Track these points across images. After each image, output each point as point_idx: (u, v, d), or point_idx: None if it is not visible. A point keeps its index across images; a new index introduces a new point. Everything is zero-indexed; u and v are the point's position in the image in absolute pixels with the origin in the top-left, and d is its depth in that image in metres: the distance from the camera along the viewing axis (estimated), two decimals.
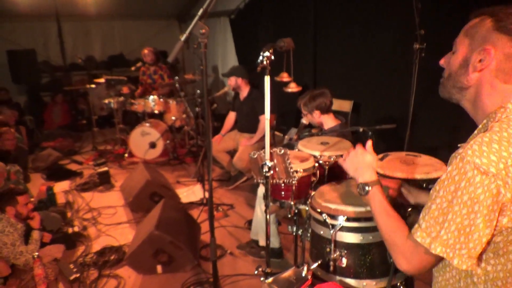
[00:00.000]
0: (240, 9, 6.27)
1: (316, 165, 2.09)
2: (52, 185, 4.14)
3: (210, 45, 5.59)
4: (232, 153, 4.48)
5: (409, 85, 2.82)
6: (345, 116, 4.05)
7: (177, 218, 3.14)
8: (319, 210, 1.67)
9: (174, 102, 5.39)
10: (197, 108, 4.41)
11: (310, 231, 1.85)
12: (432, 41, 2.63)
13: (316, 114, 2.84)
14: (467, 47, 1.00)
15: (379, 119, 3.93)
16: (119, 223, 3.66)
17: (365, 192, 1.26)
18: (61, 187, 4.47)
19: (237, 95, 4.49)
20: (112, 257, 3.01)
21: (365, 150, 1.40)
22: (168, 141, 5.31)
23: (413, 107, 2.83)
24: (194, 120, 5.34)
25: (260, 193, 2.92)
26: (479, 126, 1.02)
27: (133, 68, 5.85)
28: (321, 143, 2.31)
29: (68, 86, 7.04)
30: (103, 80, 5.64)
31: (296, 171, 1.94)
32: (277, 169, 1.92)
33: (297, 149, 2.31)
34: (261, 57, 1.68)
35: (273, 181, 1.95)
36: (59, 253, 3.03)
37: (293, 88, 2.37)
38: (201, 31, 1.61)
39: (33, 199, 3.73)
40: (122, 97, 5.54)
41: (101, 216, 3.82)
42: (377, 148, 1.48)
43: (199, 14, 1.59)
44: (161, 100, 5.35)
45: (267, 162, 1.79)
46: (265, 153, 1.81)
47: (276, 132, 5.46)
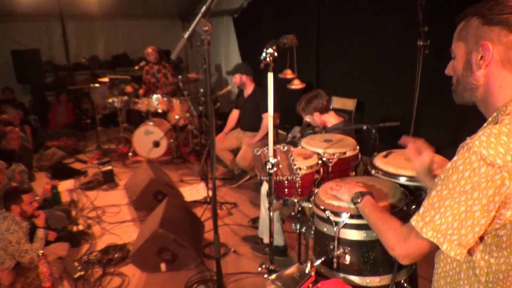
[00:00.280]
0: (243, 8, 6.27)
1: (319, 162, 2.09)
2: (56, 184, 4.16)
3: (213, 44, 5.58)
4: (235, 151, 4.48)
5: (413, 83, 2.80)
6: (349, 114, 4.04)
7: (180, 216, 3.15)
8: (322, 207, 1.67)
9: (177, 101, 5.40)
10: (200, 107, 4.41)
11: (313, 229, 1.85)
12: (436, 38, 2.62)
13: (316, 115, 2.84)
14: (464, 49, 1.01)
15: (383, 117, 3.91)
16: (123, 222, 3.67)
17: (360, 199, 1.45)
18: (65, 186, 4.50)
19: (241, 92, 4.49)
20: (116, 255, 3.03)
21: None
22: (171, 140, 5.32)
23: (417, 105, 2.82)
24: (197, 119, 5.33)
25: (264, 191, 2.92)
26: (489, 119, 1.00)
27: (136, 67, 5.86)
28: (325, 141, 2.30)
29: (72, 85, 7.06)
30: (107, 79, 5.65)
31: (299, 168, 1.94)
32: (281, 166, 1.91)
33: (301, 147, 2.31)
34: (264, 54, 1.67)
35: (276, 178, 1.95)
36: (64, 251, 3.06)
37: (296, 85, 2.36)
38: (204, 28, 1.61)
39: (38, 197, 3.75)
40: (125, 96, 5.56)
41: (105, 214, 3.84)
42: (381, 145, 1.48)
43: (202, 11, 1.59)
44: (165, 99, 5.35)
45: (271, 159, 1.79)
46: (268, 150, 1.80)
47: (279, 130, 5.46)
